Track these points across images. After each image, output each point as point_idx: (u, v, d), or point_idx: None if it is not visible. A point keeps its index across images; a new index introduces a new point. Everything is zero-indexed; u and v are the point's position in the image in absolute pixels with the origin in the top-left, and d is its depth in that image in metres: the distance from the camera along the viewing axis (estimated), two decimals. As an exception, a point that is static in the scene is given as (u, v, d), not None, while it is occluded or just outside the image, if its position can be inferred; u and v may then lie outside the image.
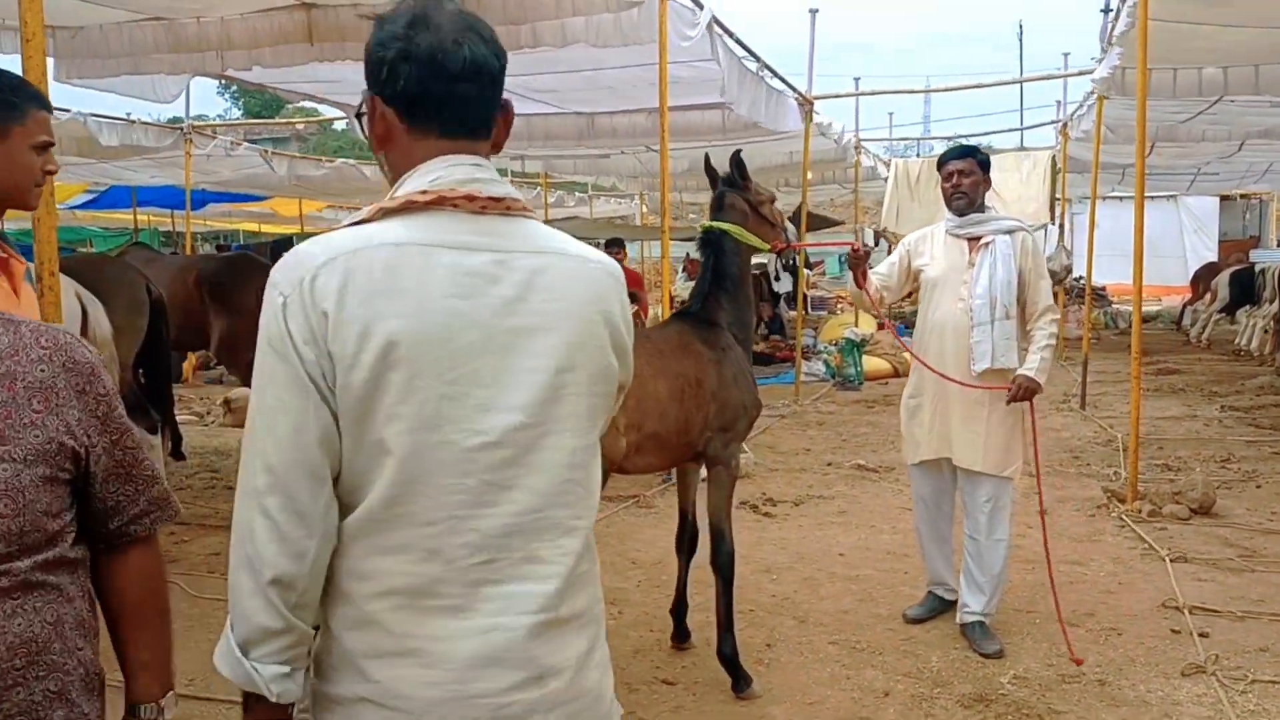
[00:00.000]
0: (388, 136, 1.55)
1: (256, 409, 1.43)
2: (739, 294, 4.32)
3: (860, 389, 12.94)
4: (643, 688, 4.20)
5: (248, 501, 1.43)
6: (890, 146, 23.27)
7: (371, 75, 1.55)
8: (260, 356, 1.43)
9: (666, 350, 4.11)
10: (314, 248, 1.45)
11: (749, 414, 4.30)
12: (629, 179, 18.24)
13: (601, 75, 9.26)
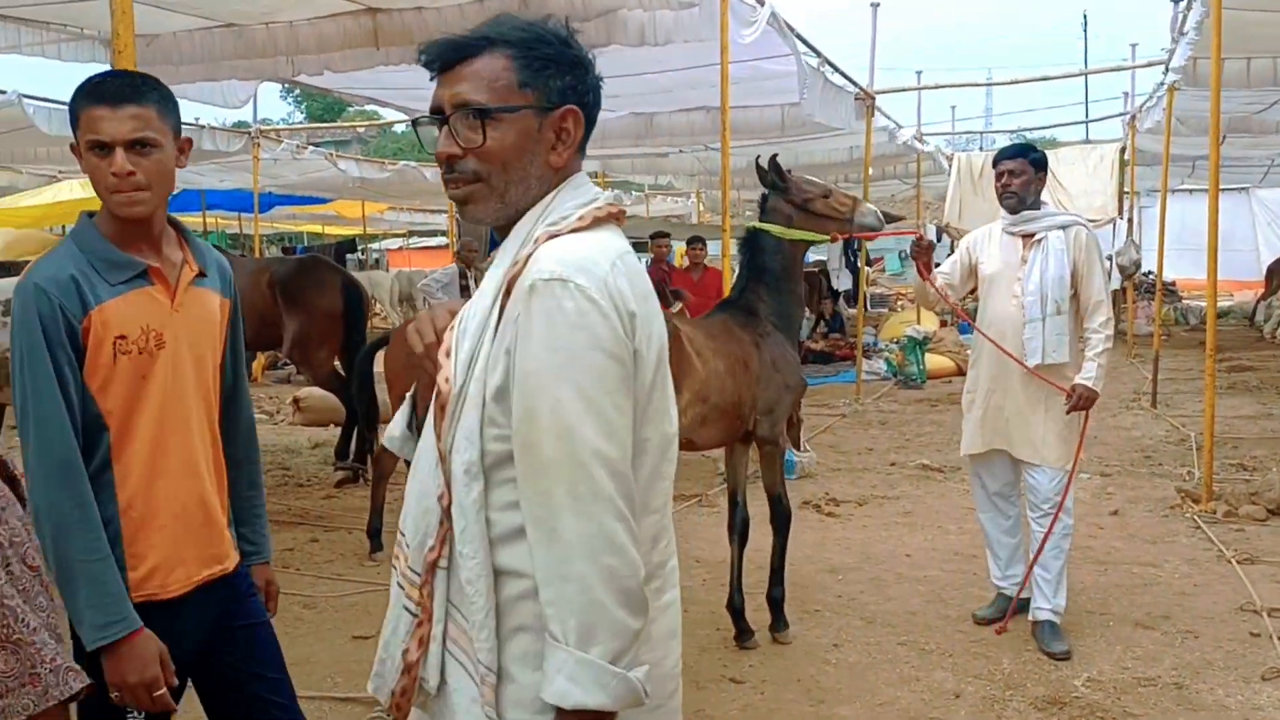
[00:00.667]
0: (566, 150, 1.51)
1: (589, 415, 1.37)
2: (781, 287, 4.64)
3: (923, 387, 12.80)
4: (710, 686, 4.22)
5: (598, 509, 1.37)
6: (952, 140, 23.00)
7: (579, 85, 1.51)
8: (583, 360, 1.37)
9: (718, 334, 4.56)
10: (591, 250, 1.43)
11: (793, 392, 4.70)
12: (686, 177, 18.25)
13: (660, 77, 9.28)
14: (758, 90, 9.55)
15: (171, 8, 6.72)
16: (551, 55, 1.48)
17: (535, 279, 1.39)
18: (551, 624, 1.36)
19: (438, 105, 1.50)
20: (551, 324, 1.37)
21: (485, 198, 1.50)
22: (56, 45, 7.39)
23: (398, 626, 1.51)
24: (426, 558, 1.45)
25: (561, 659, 1.35)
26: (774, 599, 4.72)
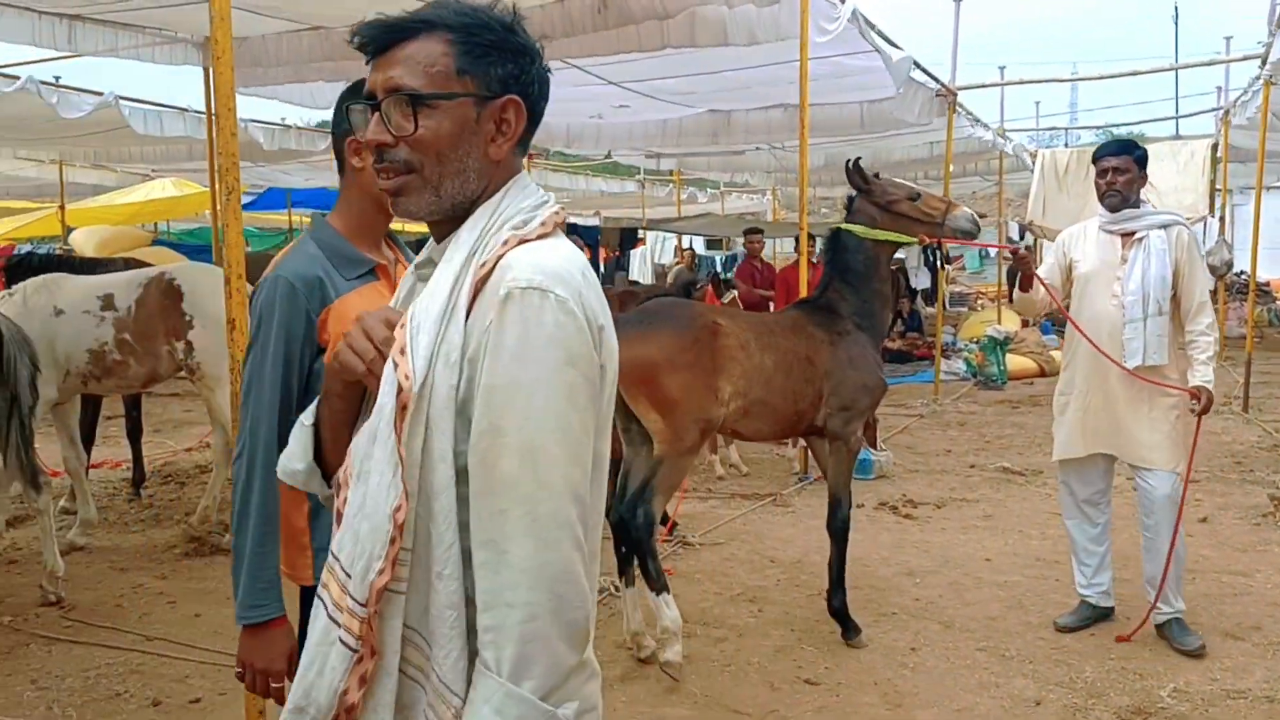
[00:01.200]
0: (506, 143, 1.42)
1: (557, 434, 1.28)
2: (863, 287, 4.68)
3: (1004, 388, 12.57)
4: (785, 687, 4.20)
5: (558, 534, 1.28)
6: (1036, 136, 22.56)
7: (520, 76, 1.41)
8: (558, 376, 1.28)
9: (777, 330, 4.63)
10: (563, 260, 1.36)
11: (871, 393, 4.69)
12: (762, 174, 18.16)
13: (738, 74, 9.26)
14: (836, 87, 9.48)
15: (262, 11, 6.90)
16: (494, 41, 1.38)
17: (512, 287, 1.29)
18: (485, 650, 1.27)
19: (370, 90, 1.39)
20: (526, 336, 1.27)
21: (418, 190, 1.39)
22: (152, 48, 7.65)
23: (324, 666, 1.32)
24: (373, 583, 1.29)
25: (491, 689, 1.25)
26: (835, 610, 4.66)
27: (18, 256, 8.03)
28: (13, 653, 4.55)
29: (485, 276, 1.33)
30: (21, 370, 4.90)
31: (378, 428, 1.31)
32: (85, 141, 13.00)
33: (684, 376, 4.30)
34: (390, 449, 1.30)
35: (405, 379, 1.29)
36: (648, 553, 4.40)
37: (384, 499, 1.29)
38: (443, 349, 1.31)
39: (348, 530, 1.33)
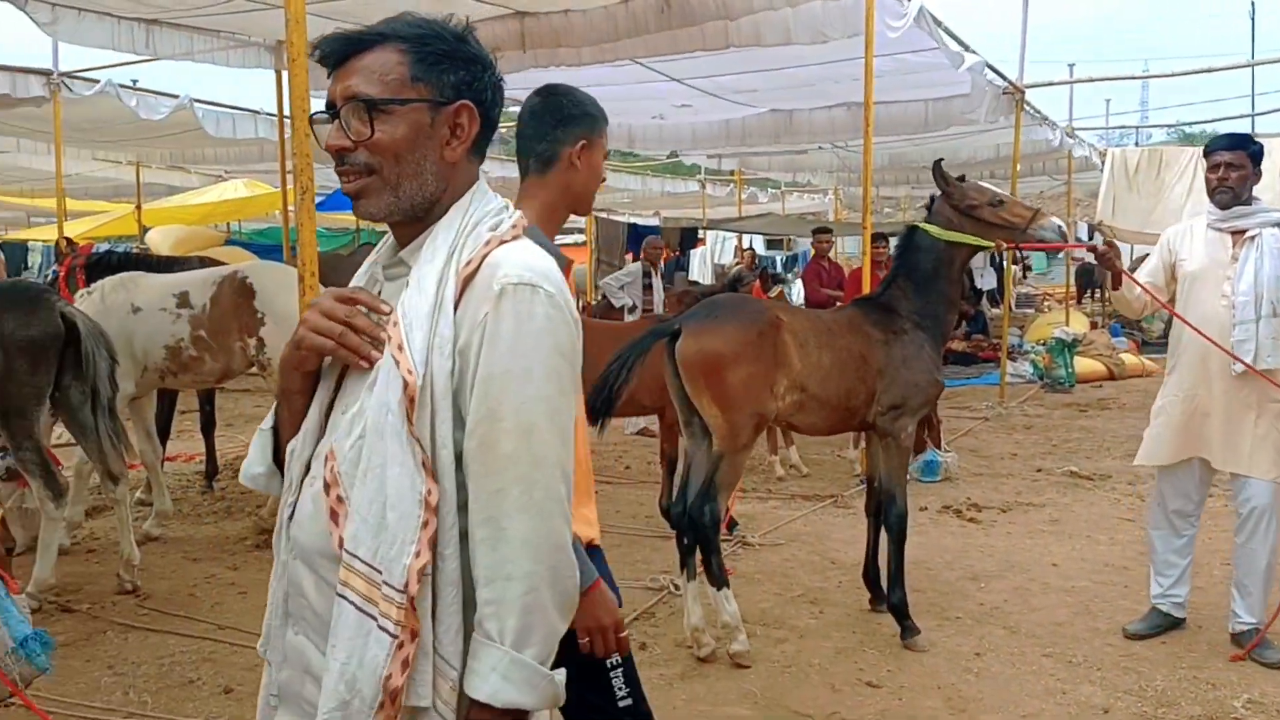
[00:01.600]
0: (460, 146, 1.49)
1: (548, 417, 1.39)
2: (929, 287, 4.68)
3: (1071, 391, 12.34)
4: (846, 689, 4.18)
5: (551, 509, 1.38)
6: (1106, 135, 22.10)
7: (473, 83, 1.48)
8: (548, 365, 1.40)
9: (835, 328, 4.68)
10: (545, 258, 1.46)
11: (924, 392, 4.69)
12: (825, 174, 18.04)
13: (801, 72, 9.21)
14: (901, 84, 9.38)
15: (332, 15, 7.02)
16: (446, 51, 1.46)
17: (505, 283, 1.38)
18: (488, 622, 1.35)
19: (330, 100, 1.47)
20: (521, 327, 1.38)
21: (378, 191, 1.46)
22: (226, 52, 7.83)
23: (363, 657, 1.35)
24: (410, 566, 1.33)
25: (496, 658, 1.34)
26: (893, 605, 4.68)
27: (97, 255, 8.25)
28: (90, 640, 4.69)
29: (471, 274, 1.41)
30: (100, 364, 5.05)
31: (384, 422, 1.37)
32: (161, 143, 13.36)
33: (747, 370, 4.34)
34: (403, 440, 1.36)
35: (409, 374, 1.36)
36: (713, 549, 4.45)
37: (408, 486, 1.35)
38: (436, 342, 1.38)
39: (362, 525, 1.37)
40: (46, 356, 4.91)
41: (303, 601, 1.48)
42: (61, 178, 10.19)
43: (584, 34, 6.92)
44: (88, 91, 9.52)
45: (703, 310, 4.60)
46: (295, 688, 1.50)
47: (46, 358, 4.91)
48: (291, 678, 1.51)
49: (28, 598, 4.70)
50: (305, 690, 1.48)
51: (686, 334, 4.45)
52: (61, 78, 9.30)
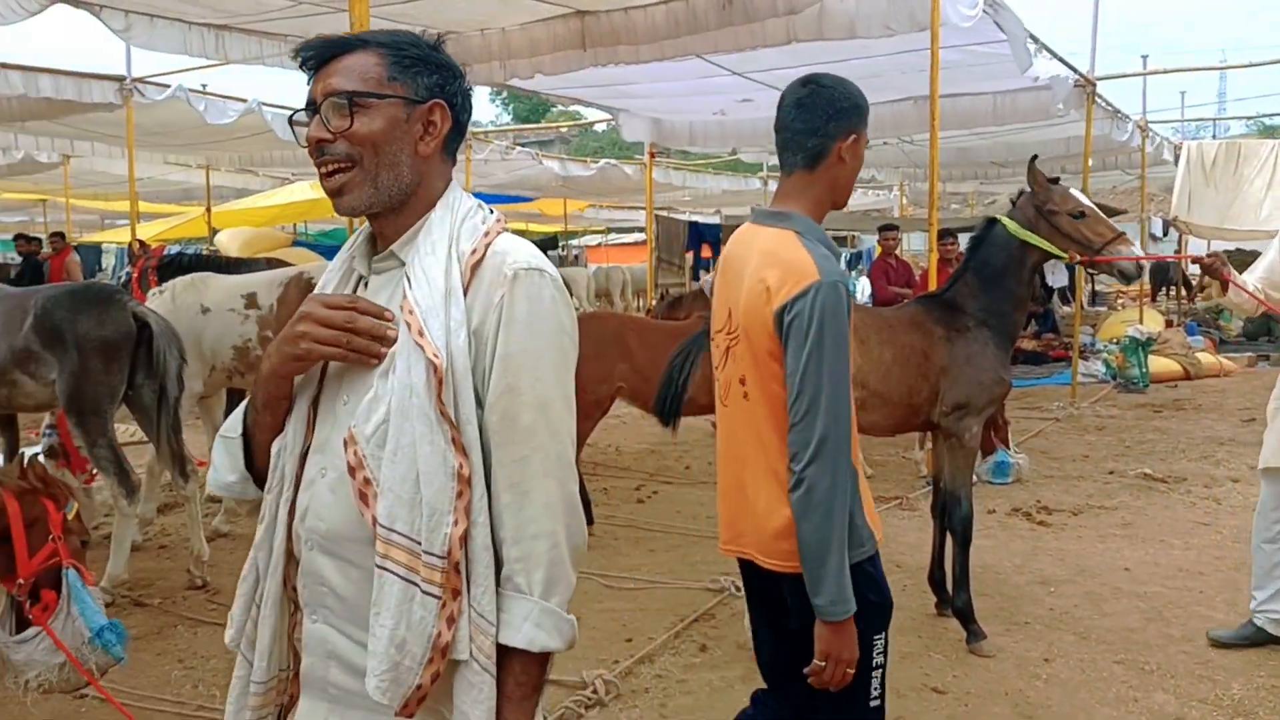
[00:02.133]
0: (433, 141, 1.57)
1: (559, 389, 1.53)
2: (998, 284, 4.55)
3: (1145, 391, 12.02)
4: (910, 694, 4.11)
5: (565, 474, 1.53)
6: (1181, 128, 21.50)
7: (447, 86, 1.58)
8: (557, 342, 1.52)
9: (897, 325, 4.62)
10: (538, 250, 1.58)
11: (990, 392, 4.59)
12: (889, 169, 17.82)
13: (866, 64, 9.09)
14: (968, 76, 9.21)
15: (397, 19, 7.10)
16: (420, 56, 1.56)
17: (517, 268, 1.51)
18: (517, 577, 1.48)
19: (311, 99, 1.56)
20: (533, 309, 1.50)
21: (359, 184, 1.54)
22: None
23: (410, 621, 1.44)
24: (450, 535, 1.45)
25: (528, 608, 1.48)
26: (957, 609, 4.61)
27: (169, 257, 8.44)
28: (161, 633, 4.79)
29: (478, 261, 1.52)
30: (170, 362, 5.16)
31: (409, 404, 1.46)
32: (230, 146, 13.64)
33: None
34: (432, 420, 1.46)
35: (435, 357, 1.45)
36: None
37: (440, 462, 1.45)
38: (451, 326, 1.48)
39: (397, 502, 1.46)
40: (120, 356, 5.03)
41: (322, 589, 1.55)
42: (134, 181, 10.45)
43: (644, 32, 6.90)
44: (159, 96, 9.75)
45: None
46: (318, 673, 1.57)
47: (120, 357, 5.03)
48: (313, 664, 1.58)
49: (101, 591, 4.84)
50: (330, 674, 1.56)
51: None
52: (134, 83, 9.54)
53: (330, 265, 1.71)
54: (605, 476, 8.10)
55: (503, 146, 14.90)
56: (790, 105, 2.39)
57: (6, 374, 5.11)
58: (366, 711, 1.51)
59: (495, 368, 1.49)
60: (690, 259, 15.93)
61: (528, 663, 1.50)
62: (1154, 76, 14.32)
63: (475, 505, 1.47)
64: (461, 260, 1.52)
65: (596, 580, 5.41)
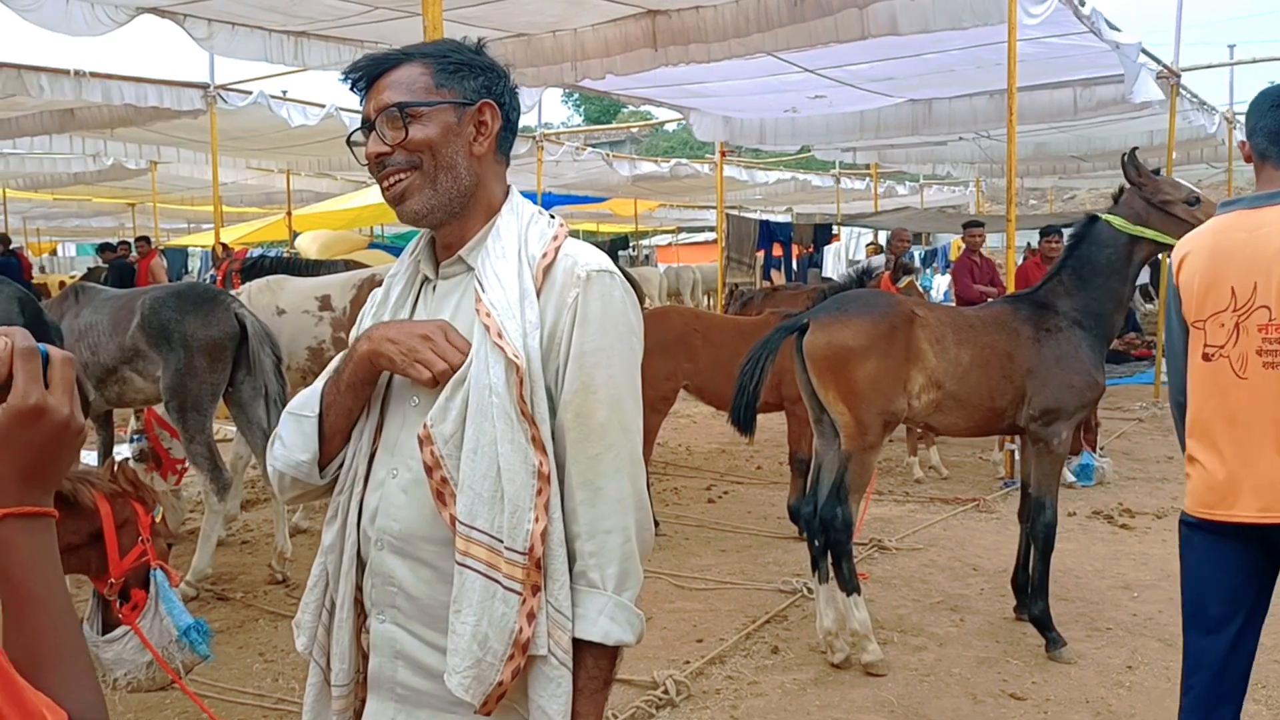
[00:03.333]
0: (486, 140, 1.60)
1: (630, 388, 1.57)
2: (1097, 283, 4.43)
3: (1232, 391, 11.62)
4: (989, 700, 4.02)
5: (635, 470, 1.56)
6: (1271, 119, 20.70)
7: (494, 86, 1.61)
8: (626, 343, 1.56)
9: (979, 324, 4.49)
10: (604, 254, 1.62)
11: (1082, 396, 4.44)
12: (965, 165, 17.51)
13: (941, 59, 8.95)
14: (1047, 69, 9.02)
15: (470, 22, 7.18)
16: (464, 61, 1.59)
17: (589, 269, 1.54)
18: (591, 572, 1.51)
19: (365, 117, 1.59)
20: (607, 309, 1.53)
21: (420, 188, 1.57)
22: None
23: (491, 617, 1.46)
24: (532, 531, 1.47)
25: (602, 603, 1.50)
26: (1034, 617, 4.52)
27: (251, 259, 8.65)
28: (243, 627, 4.91)
29: (549, 265, 1.55)
30: (265, 360, 5.31)
31: (488, 404, 1.48)
32: (309, 151, 13.93)
33: (874, 365, 4.24)
34: (513, 419, 1.48)
35: (516, 358, 1.48)
36: (844, 554, 4.35)
37: (521, 460, 1.48)
38: (527, 328, 1.51)
39: (477, 500, 1.48)
40: (224, 355, 5.22)
41: (392, 589, 1.57)
42: (218, 185, 10.73)
43: (715, 30, 6.88)
44: (241, 103, 10.00)
45: (832, 304, 4.52)
46: (386, 673, 1.59)
47: (223, 356, 5.22)
48: (381, 665, 1.60)
49: (185, 586, 4.97)
50: (398, 674, 1.58)
51: (814, 328, 4.37)
52: (217, 90, 9.80)
53: (392, 270, 1.73)
54: (676, 476, 8.09)
55: (573, 147, 14.97)
56: (1265, 105, 2.69)
57: (117, 371, 5.35)
58: (433, 711, 1.54)
59: (569, 366, 1.52)
60: (761, 258, 15.81)
61: (600, 656, 1.52)
62: (1241, 67, 13.84)
63: (553, 502, 1.49)
64: (533, 264, 1.55)
65: (667, 580, 5.41)
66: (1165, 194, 4.37)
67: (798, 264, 17.15)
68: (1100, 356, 4.50)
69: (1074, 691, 4.07)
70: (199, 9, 6.79)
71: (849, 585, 4.35)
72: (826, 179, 21.12)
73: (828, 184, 20.93)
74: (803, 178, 20.84)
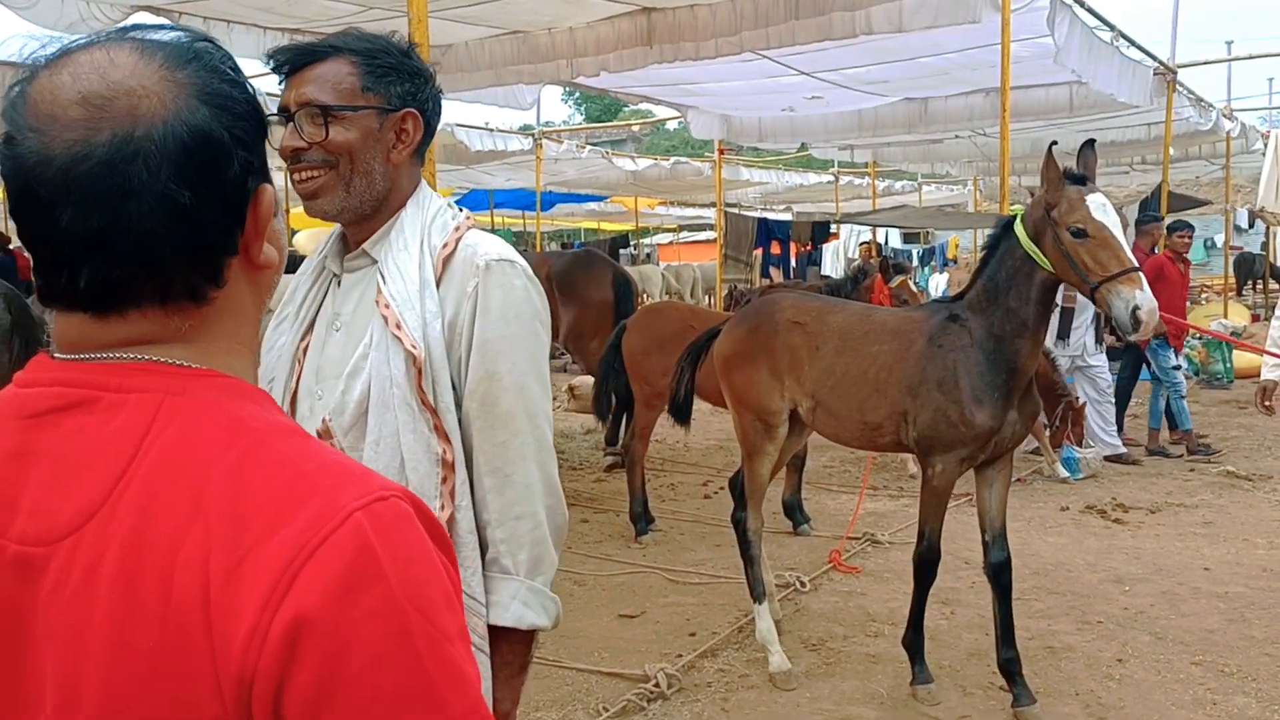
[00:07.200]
0: (405, 150, 1.60)
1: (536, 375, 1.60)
2: (999, 299, 3.69)
3: (1230, 388, 11.64)
4: (978, 692, 4.05)
5: (544, 456, 1.59)
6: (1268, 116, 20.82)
7: (419, 93, 1.60)
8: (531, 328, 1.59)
9: (875, 333, 4.03)
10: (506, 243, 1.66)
11: (956, 430, 3.71)
12: (963, 164, 17.54)
13: (936, 60, 8.97)
14: (1042, 68, 9.04)
15: (465, 20, 7.21)
16: (393, 64, 1.58)
17: (488, 259, 1.56)
18: (504, 559, 1.54)
19: (284, 105, 1.57)
20: (507, 297, 1.55)
21: (333, 188, 1.56)
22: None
23: None
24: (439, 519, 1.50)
25: (515, 588, 1.53)
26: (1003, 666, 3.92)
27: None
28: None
29: (449, 255, 1.57)
30: None
31: (389, 394, 1.50)
32: (307, 149, 13.93)
33: (745, 373, 4.36)
34: (414, 409, 1.50)
35: (414, 348, 1.50)
36: (749, 559, 4.54)
37: (424, 449, 1.50)
38: (427, 318, 1.53)
39: None
40: None
41: None
42: (216, 184, 10.73)
43: (710, 28, 6.90)
44: (239, 101, 10.01)
45: (738, 312, 4.72)
46: None
47: None
48: None
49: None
50: None
51: (719, 335, 4.62)
52: (216, 89, 9.80)
53: (303, 266, 1.74)
54: (672, 472, 8.12)
55: (573, 145, 15.01)
56: None
57: None
58: None
59: (472, 355, 1.54)
60: (759, 256, 15.83)
61: (515, 641, 1.54)
62: (1239, 63, 13.88)
63: (459, 490, 1.52)
64: (434, 254, 1.57)
65: (661, 574, 5.43)
66: (1060, 210, 3.55)
67: (796, 262, 17.16)
68: (991, 390, 3.68)
69: (1064, 684, 4.10)
70: (194, 8, 6.81)
71: (752, 590, 4.45)
72: (825, 177, 21.16)
73: (826, 182, 20.96)
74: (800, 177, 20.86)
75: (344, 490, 0.75)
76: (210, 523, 0.72)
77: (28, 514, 0.77)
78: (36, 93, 0.77)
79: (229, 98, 0.81)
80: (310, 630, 0.70)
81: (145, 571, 0.72)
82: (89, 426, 0.77)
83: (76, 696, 0.73)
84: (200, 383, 0.80)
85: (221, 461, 0.75)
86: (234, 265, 0.83)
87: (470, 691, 0.75)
